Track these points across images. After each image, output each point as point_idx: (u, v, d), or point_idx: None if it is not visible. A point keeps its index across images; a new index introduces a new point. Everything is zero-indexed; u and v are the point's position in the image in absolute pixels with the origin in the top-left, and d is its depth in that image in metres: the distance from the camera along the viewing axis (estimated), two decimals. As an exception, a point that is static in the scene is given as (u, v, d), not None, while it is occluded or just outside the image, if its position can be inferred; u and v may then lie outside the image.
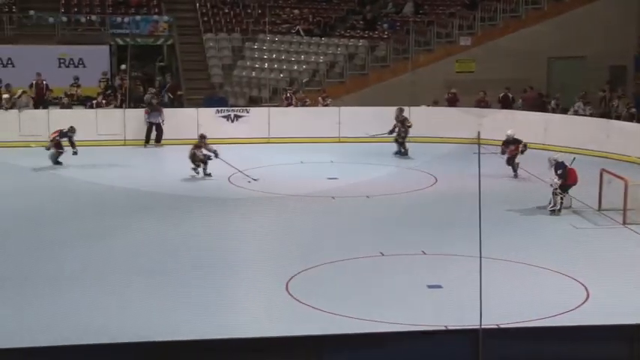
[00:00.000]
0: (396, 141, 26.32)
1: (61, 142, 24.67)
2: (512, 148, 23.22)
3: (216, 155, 23.17)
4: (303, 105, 28.79)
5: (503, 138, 23.45)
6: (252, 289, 15.97)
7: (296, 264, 16.75)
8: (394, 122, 26.24)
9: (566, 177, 19.95)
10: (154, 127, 27.55)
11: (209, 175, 23.22)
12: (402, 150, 26.20)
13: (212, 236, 18.39)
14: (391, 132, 26.00)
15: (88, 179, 23.11)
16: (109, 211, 20.37)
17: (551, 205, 20.00)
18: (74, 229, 18.84)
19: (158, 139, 27.64)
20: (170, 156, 26.36)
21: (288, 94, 29.07)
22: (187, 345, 11.93)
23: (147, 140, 27.58)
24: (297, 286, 15.69)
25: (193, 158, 23.27)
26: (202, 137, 23.52)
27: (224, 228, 19.16)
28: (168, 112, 28.08)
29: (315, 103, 28.82)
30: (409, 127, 26.19)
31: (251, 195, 21.83)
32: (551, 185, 20.06)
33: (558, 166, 20.09)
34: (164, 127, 27.54)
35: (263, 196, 21.63)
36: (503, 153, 23.41)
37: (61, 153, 24.70)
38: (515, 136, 23.36)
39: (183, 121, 28.02)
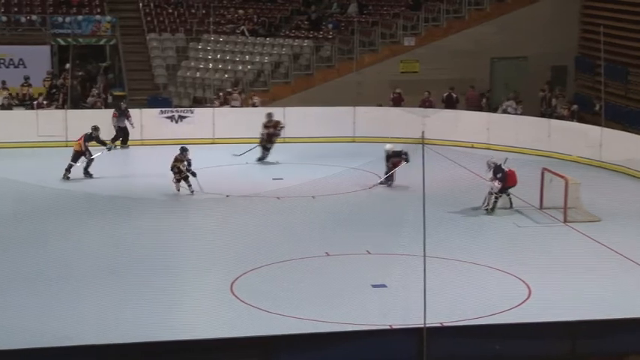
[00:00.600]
0: (262, 145, 25.46)
1: (89, 148, 23.34)
2: (396, 160, 22.74)
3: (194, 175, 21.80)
4: (253, 106, 28.73)
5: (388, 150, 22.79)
6: (197, 291, 15.88)
7: (241, 264, 16.70)
8: (262, 129, 25.36)
9: (506, 180, 20.21)
10: (121, 131, 26.98)
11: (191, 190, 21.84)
12: (264, 154, 25.40)
13: (158, 238, 18.25)
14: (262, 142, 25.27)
15: (27, 181, 22.71)
16: (49, 214, 20.09)
17: (485, 205, 20.22)
18: (13, 233, 18.56)
19: (125, 141, 27.16)
20: (114, 157, 26.05)
21: (220, 94, 29.09)
22: (133, 347, 11.84)
23: (113, 142, 26.80)
24: (242, 287, 15.64)
25: (178, 172, 21.83)
26: (185, 150, 22.06)
27: (170, 229, 19.03)
28: (108, 113, 27.84)
29: (244, 104, 28.77)
30: (282, 128, 25.62)
31: (197, 196, 21.69)
32: (491, 189, 20.23)
33: (497, 169, 20.30)
34: (132, 131, 27.13)
35: (209, 198, 21.50)
36: (390, 169, 22.59)
37: (92, 161, 23.35)
38: (394, 149, 22.83)
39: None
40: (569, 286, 15.72)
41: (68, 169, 23.08)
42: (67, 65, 29.94)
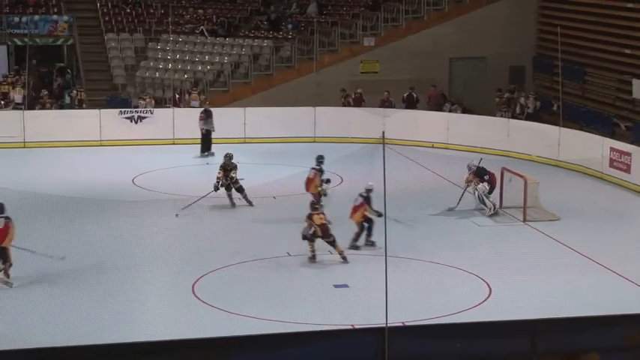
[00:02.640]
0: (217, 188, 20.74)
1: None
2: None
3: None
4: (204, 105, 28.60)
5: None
6: (158, 292, 15.79)
7: (202, 266, 16.63)
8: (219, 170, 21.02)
9: (493, 181, 20.28)
10: (208, 135, 26.42)
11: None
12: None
13: (116, 239, 18.10)
14: (217, 189, 20.64)
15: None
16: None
17: (488, 210, 20.17)
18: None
19: (208, 147, 26.42)
20: (70, 159, 25.82)
21: (177, 95, 28.98)
22: (91, 350, 11.73)
23: (206, 148, 26.33)
24: (203, 288, 15.58)
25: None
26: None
27: (128, 231, 18.88)
28: (66, 113, 27.53)
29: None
30: (235, 179, 20.74)
31: (156, 197, 21.56)
32: (477, 192, 20.11)
33: (481, 171, 20.31)
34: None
35: (169, 198, 21.38)
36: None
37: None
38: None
39: (85, 123, 27.53)
40: (529, 285, 15.87)
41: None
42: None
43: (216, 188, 20.44)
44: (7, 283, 15.49)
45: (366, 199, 17.96)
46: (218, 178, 20.49)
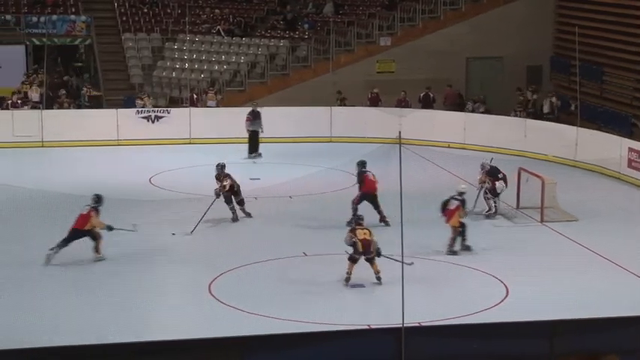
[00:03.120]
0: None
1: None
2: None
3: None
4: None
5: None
6: (174, 291, 15.81)
7: (219, 265, 16.65)
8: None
9: (506, 181, 20.14)
10: (255, 136, 26.27)
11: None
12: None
13: (134, 238, 18.11)
14: (218, 195, 19.58)
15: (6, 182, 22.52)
16: (31, 214, 19.92)
17: (487, 210, 20.09)
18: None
19: (256, 148, 26.31)
20: (88, 158, 25.90)
21: (195, 95, 29.03)
22: (110, 348, 11.77)
23: (253, 149, 26.27)
24: (220, 288, 15.59)
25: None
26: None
27: (146, 230, 18.87)
28: (84, 113, 27.58)
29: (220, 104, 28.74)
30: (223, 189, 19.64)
31: (173, 196, 21.59)
32: (489, 190, 19.95)
33: (495, 170, 20.13)
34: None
35: (185, 197, 21.41)
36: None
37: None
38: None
39: (102, 122, 27.62)
40: (547, 285, 15.79)
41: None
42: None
43: (218, 195, 19.50)
44: (100, 259, 16.87)
45: (462, 203, 17.74)
46: (215, 190, 19.59)
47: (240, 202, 19.94)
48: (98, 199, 17.29)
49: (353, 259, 15.83)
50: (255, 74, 31.23)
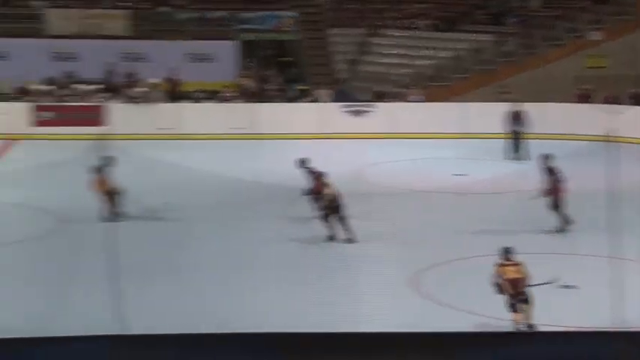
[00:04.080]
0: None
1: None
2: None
3: None
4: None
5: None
6: (376, 286, 15.87)
7: (426, 259, 16.68)
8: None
9: None
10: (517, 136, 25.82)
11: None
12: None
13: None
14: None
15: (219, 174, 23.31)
16: (235, 206, 20.54)
17: None
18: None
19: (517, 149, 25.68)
20: (299, 150, 26.44)
21: (400, 90, 29.21)
22: (317, 337, 11.96)
23: (515, 150, 25.73)
24: (426, 282, 15.61)
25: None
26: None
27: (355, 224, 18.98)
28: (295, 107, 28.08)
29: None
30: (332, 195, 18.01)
31: (391, 191, 21.61)
32: None
33: None
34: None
35: (401, 193, 21.47)
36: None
37: None
38: None
39: (307, 116, 28.19)
40: None
41: None
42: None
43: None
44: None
45: None
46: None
47: (342, 219, 17.81)
48: None
49: (513, 309, 13.29)
50: (459, 69, 31.01)
